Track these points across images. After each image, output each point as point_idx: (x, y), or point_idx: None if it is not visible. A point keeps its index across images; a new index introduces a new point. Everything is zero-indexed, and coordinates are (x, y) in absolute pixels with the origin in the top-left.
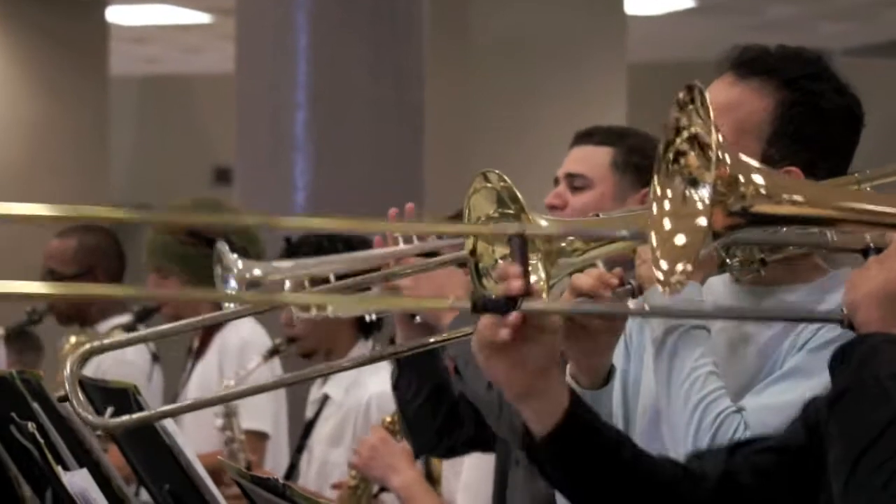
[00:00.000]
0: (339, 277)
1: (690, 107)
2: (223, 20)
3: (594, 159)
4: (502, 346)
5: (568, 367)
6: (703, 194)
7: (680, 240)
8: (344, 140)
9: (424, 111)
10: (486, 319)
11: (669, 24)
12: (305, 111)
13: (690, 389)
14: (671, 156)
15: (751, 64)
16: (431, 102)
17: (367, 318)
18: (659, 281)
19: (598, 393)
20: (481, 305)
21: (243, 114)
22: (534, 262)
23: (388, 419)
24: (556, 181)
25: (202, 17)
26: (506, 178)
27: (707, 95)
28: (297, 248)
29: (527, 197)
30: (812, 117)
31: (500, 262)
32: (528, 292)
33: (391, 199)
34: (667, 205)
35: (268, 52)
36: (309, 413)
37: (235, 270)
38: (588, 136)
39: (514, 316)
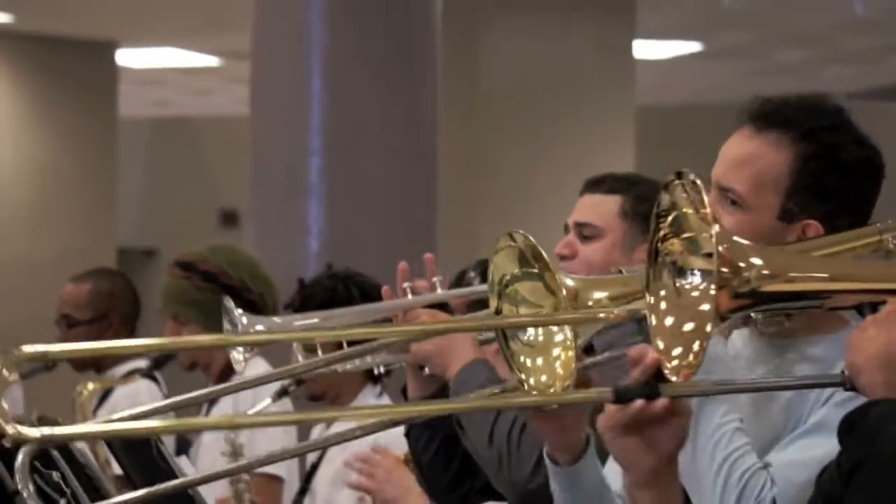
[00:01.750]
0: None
1: (679, 189)
2: (232, 63)
3: (603, 208)
4: (633, 428)
5: (544, 447)
6: (696, 282)
7: (688, 327)
8: (357, 185)
9: (437, 155)
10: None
11: (677, 68)
12: (319, 156)
13: (716, 446)
14: (661, 241)
15: (768, 116)
16: (443, 147)
17: (376, 371)
18: (674, 367)
19: (576, 468)
20: (625, 396)
21: (257, 158)
22: (556, 326)
23: (402, 456)
24: (566, 229)
25: (211, 61)
26: (530, 237)
27: (699, 182)
28: (311, 290)
29: (539, 241)
30: (831, 169)
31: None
32: (665, 377)
33: (404, 244)
34: (663, 304)
35: (281, 97)
36: (312, 456)
37: (240, 326)
38: (597, 184)
39: (661, 403)
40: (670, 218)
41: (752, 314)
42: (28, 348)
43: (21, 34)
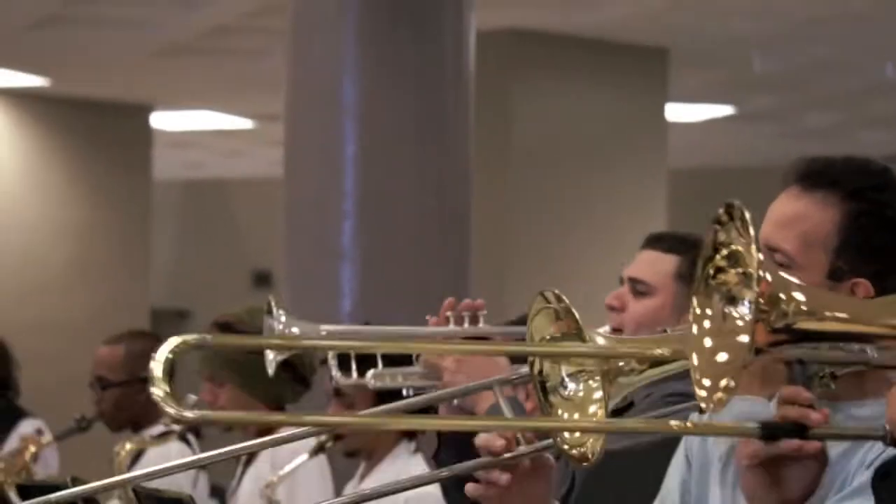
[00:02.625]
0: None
1: (730, 224)
2: (265, 126)
3: (659, 266)
4: (770, 462)
5: None
6: (742, 311)
7: (722, 357)
8: (390, 248)
9: (470, 219)
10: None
11: (709, 130)
12: (352, 219)
13: None
14: (710, 272)
15: (816, 176)
16: (475, 209)
17: (405, 392)
18: (701, 398)
19: None
20: (775, 433)
21: (290, 220)
22: (595, 382)
23: None
24: (621, 281)
25: (244, 123)
26: (563, 296)
27: (747, 213)
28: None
29: (571, 299)
30: (879, 228)
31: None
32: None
33: (437, 306)
34: (707, 323)
35: (315, 159)
36: None
37: (278, 324)
38: (658, 241)
39: (814, 446)
40: (725, 252)
41: (798, 378)
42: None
43: (57, 98)
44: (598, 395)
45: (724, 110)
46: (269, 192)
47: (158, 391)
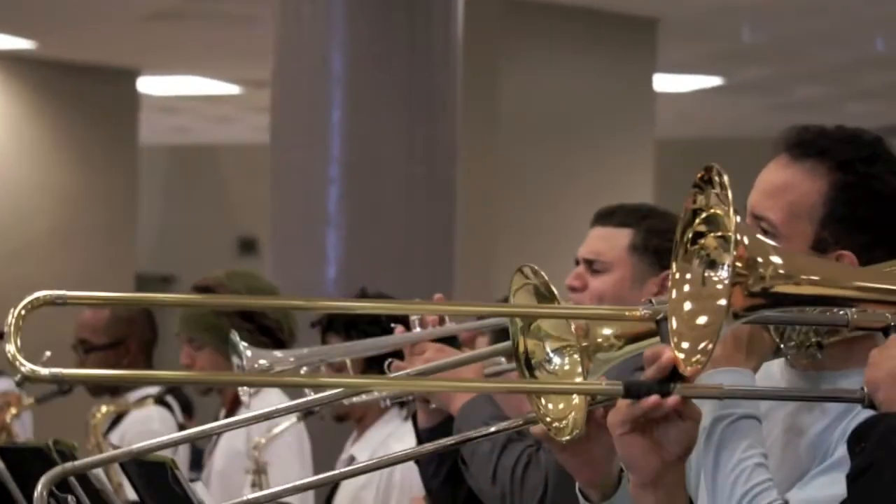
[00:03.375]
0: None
1: (709, 187)
2: (252, 92)
3: (613, 241)
4: (641, 426)
5: (577, 484)
6: (722, 275)
7: (701, 320)
8: (376, 215)
9: (456, 186)
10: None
11: (697, 101)
12: (338, 185)
13: (736, 481)
14: (689, 237)
15: (805, 145)
16: (461, 177)
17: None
18: (680, 361)
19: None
20: (635, 391)
21: (276, 186)
22: (573, 357)
23: (422, 498)
24: (577, 262)
25: (232, 89)
26: (541, 272)
27: (725, 176)
28: (338, 314)
29: (556, 273)
30: (866, 200)
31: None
32: (678, 374)
33: (422, 273)
34: (687, 287)
35: (301, 126)
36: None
37: (245, 360)
38: (608, 217)
39: (673, 401)
40: (705, 215)
41: (783, 346)
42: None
43: (43, 61)
44: (581, 369)
45: (713, 81)
46: (255, 159)
47: (11, 347)
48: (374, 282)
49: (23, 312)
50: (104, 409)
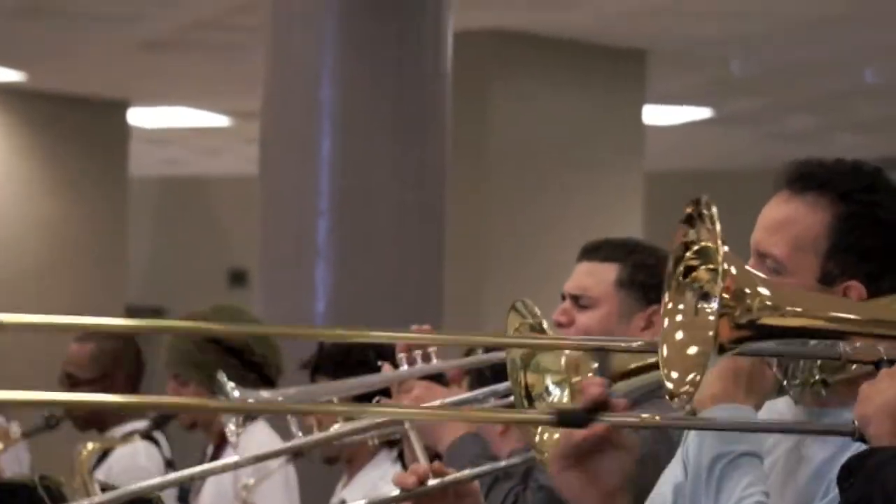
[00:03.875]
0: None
1: (699, 220)
2: (242, 123)
3: (599, 276)
4: (577, 459)
5: None
6: (713, 306)
7: (692, 350)
8: (365, 246)
9: (445, 217)
10: (565, 433)
11: (687, 133)
12: (327, 217)
13: None
14: (682, 270)
15: (805, 179)
16: (451, 209)
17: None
18: (669, 391)
19: None
20: (563, 419)
21: (265, 218)
22: (557, 383)
23: None
24: (563, 297)
25: (222, 120)
26: (534, 308)
27: (714, 208)
28: (328, 349)
29: (545, 303)
30: (870, 229)
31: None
32: (606, 405)
33: (412, 306)
34: (679, 317)
35: (291, 157)
36: None
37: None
38: (594, 252)
39: (597, 426)
40: (696, 248)
41: (787, 383)
42: None
43: (33, 92)
44: (558, 398)
45: (702, 113)
46: (246, 190)
47: None
48: (364, 314)
49: None
50: (90, 445)
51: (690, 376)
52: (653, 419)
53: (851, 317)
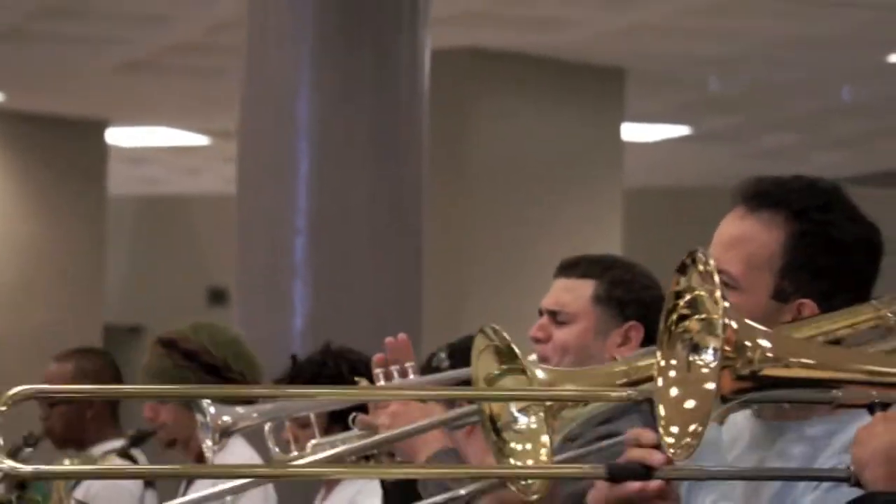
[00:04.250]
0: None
1: (691, 268)
2: (221, 143)
3: (576, 292)
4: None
5: None
6: (707, 359)
7: (689, 404)
8: (343, 265)
9: (423, 236)
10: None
11: (665, 150)
12: (305, 236)
13: None
14: (674, 319)
15: (760, 196)
16: (429, 228)
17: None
18: (669, 444)
19: None
20: (619, 474)
21: (243, 237)
22: (539, 415)
23: None
24: (541, 312)
25: (200, 140)
26: (503, 333)
27: (711, 260)
28: (301, 366)
29: (524, 320)
30: (824, 248)
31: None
32: (669, 461)
33: (390, 323)
34: (672, 373)
35: (268, 177)
36: None
37: (208, 416)
38: (572, 268)
39: (656, 485)
40: (687, 298)
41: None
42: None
43: (11, 112)
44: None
45: (680, 131)
46: (224, 209)
47: None
48: (342, 332)
49: (2, 409)
50: (68, 462)
51: (692, 428)
52: (711, 472)
53: (851, 366)
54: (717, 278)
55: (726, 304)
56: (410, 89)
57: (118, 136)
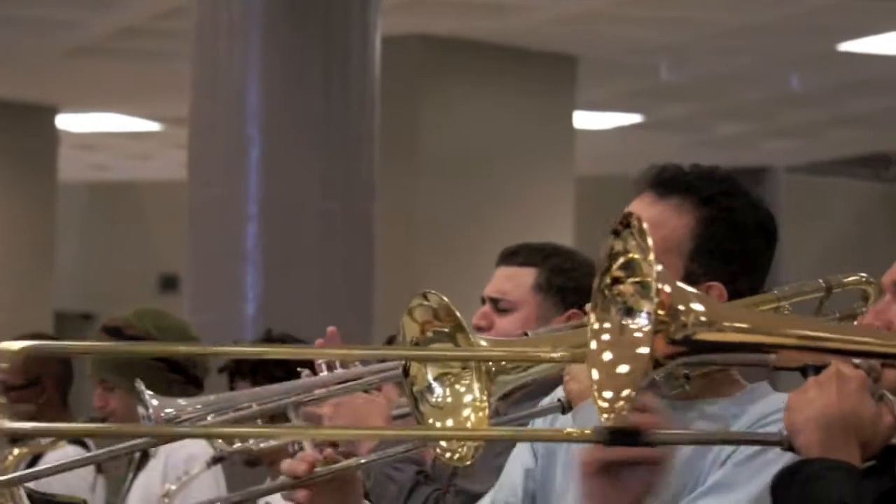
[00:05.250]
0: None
1: (626, 232)
2: (172, 129)
3: (517, 280)
4: (609, 468)
5: None
6: (641, 323)
7: (622, 369)
8: (294, 252)
9: (374, 222)
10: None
11: (617, 138)
12: (256, 223)
13: None
14: (608, 282)
15: (669, 183)
16: (381, 215)
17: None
18: (603, 409)
19: None
20: (615, 439)
21: (194, 223)
22: (472, 380)
23: None
24: (483, 300)
25: (152, 126)
26: (444, 297)
27: (645, 224)
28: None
29: (473, 305)
30: (730, 233)
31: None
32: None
33: (341, 310)
34: (606, 336)
35: (218, 163)
36: None
37: (150, 409)
38: (512, 256)
39: (650, 453)
40: (621, 261)
41: (657, 378)
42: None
43: None
44: (469, 398)
45: (632, 118)
46: (176, 196)
47: None
48: (293, 319)
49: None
50: (16, 451)
51: (625, 393)
52: (695, 437)
53: (783, 330)
54: (650, 241)
55: (659, 267)
56: (361, 76)
57: (68, 122)
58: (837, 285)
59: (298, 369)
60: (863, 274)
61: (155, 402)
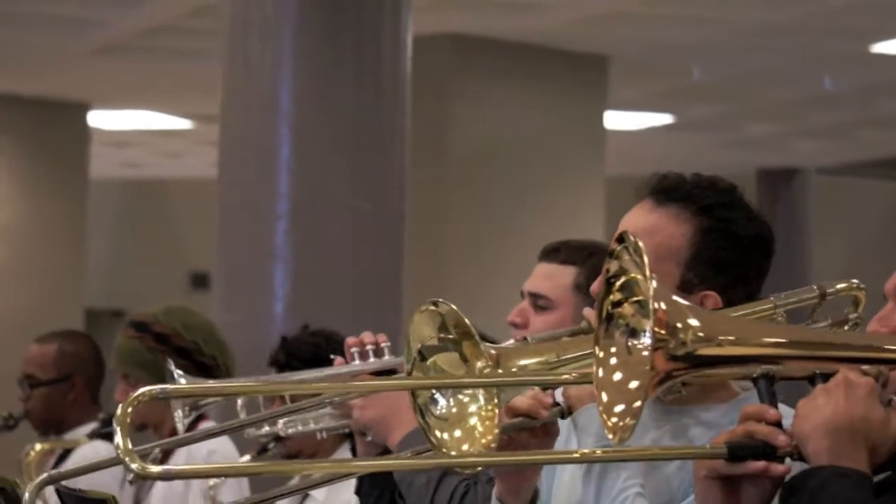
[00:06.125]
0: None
1: (623, 253)
2: (203, 126)
3: (558, 279)
4: (731, 480)
5: (494, 488)
6: (645, 342)
7: (633, 384)
8: (324, 251)
9: (404, 221)
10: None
11: (648, 138)
12: (286, 220)
13: None
14: (608, 309)
15: (669, 191)
16: (411, 214)
17: (321, 436)
18: (610, 428)
19: None
20: (740, 454)
21: (224, 221)
22: (458, 398)
23: None
24: (522, 295)
25: (183, 123)
26: (453, 306)
27: (640, 242)
28: (294, 346)
29: (505, 307)
30: (727, 243)
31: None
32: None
33: (370, 310)
34: (613, 360)
35: (250, 162)
36: None
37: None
38: (553, 253)
39: (784, 468)
40: (620, 282)
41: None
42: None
43: None
44: (474, 408)
45: (663, 119)
46: (207, 193)
47: (120, 442)
48: (322, 317)
49: (129, 410)
50: (38, 447)
51: (637, 404)
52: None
53: (783, 341)
54: (646, 259)
55: (654, 284)
56: (392, 75)
57: (100, 120)
58: (832, 292)
59: (332, 357)
60: (854, 280)
61: (183, 381)
